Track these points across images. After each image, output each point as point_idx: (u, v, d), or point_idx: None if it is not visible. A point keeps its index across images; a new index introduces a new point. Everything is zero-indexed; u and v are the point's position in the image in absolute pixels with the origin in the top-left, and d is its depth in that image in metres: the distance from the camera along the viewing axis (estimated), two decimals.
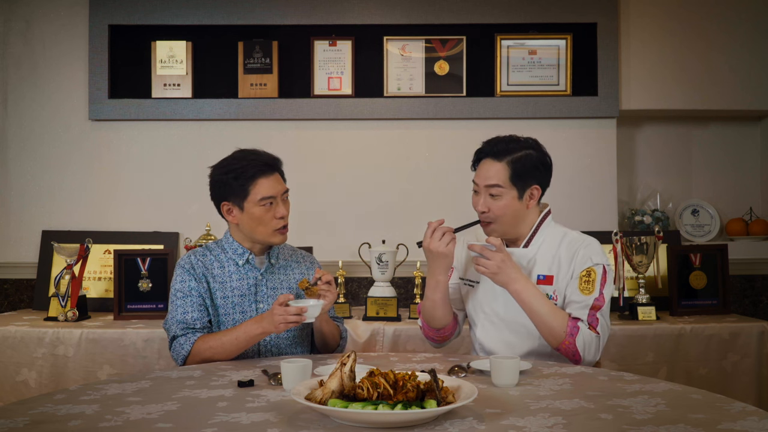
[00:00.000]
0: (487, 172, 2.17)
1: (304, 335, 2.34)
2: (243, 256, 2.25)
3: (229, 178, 2.19)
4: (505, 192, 2.15)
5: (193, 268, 2.23)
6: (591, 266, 2.13)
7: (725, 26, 3.63)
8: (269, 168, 2.21)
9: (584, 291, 2.11)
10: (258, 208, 2.18)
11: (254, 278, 2.27)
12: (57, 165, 3.59)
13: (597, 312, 2.10)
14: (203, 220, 3.37)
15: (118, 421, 1.51)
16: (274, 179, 2.21)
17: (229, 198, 2.21)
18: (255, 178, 2.17)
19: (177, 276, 2.23)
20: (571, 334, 2.05)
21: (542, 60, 3.57)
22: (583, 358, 2.06)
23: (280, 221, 2.20)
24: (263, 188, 2.18)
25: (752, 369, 2.94)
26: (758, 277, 3.64)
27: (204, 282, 2.23)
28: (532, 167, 2.17)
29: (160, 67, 3.56)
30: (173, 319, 2.19)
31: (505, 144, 2.18)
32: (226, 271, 2.25)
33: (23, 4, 3.61)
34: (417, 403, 1.48)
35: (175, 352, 2.16)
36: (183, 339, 2.15)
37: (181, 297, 2.20)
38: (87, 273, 3.31)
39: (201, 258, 2.26)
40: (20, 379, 2.90)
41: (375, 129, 3.58)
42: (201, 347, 2.13)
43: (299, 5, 3.56)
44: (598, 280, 2.12)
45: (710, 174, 3.82)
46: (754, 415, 1.52)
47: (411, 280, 3.43)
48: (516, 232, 2.21)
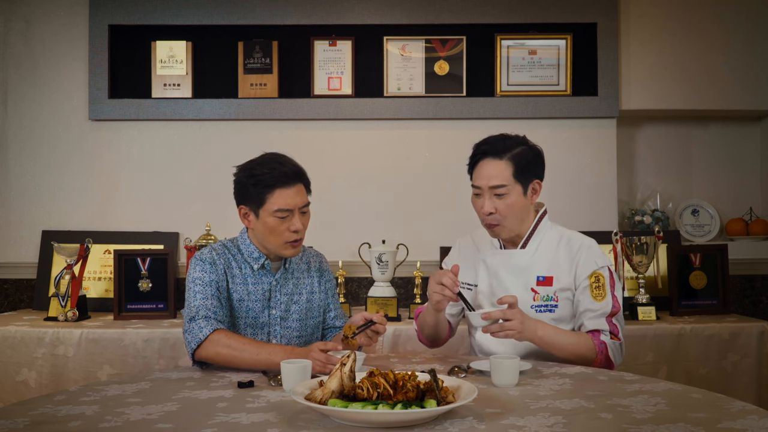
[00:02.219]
0: (489, 172, 2.15)
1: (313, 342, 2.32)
2: (258, 261, 2.20)
3: (249, 183, 2.13)
4: (511, 189, 2.14)
5: (215, 262, 2.17)
6: (597, 270, 2.15)
7: (725, 26, 3.63)
8: (290, 179, 2.13)
9: (597, 298, 2.13)
10: (272, 219, 2.12)
11: (269, 284, 2.22)
12: (57, 165, 3.59)
13: (614, 318, 2.13)
14: (203, 220, 3.37)
15: (118, 422, 1.51)
16: (294, 191, 2.13)
17: (246, 202, 2.16)
18: (273, 188, 2.11)
19: (197, 266, 2.15)
20: (601, 352, 2.09)
21: (542, 60, 3.57)
22: (614, 366, 2.13)
23: (293, 234, 2.14)
24: (280, 199, 2.11)
25: (752, 369, 2.94)
26: (758, 277, 3.63)
27: (224, 279, 2.17)
28: (531, 161, 2.18)
29: (160, 67, 3.56)
30: (192, 304, 2.09)
31: (502, 142, 2.17)
32: (243, 273, 2.21)
33: (23, 4, 3.61)
34: (417, 403, 1.48)
35: (191, 334, 2.04)
36: (204, 322, 2.04)
37: (201, 284, 2.12)
38: (87, 273, 3.31)
39: (221, 255, 2.20)
40: (20, 379, 2.90)
41: (375, 129, 3.58)
42: (221, 339, 2.01)
43: (299, 5, 3.56)
44: (608, 283, 2.15)
45: (710, 174, 3.82)
46: (754, 414, 1.52)
47: (411, 280, 3.43)
48: (519, 229, 2.21)
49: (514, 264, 2.21)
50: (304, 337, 2.27)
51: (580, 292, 2.16)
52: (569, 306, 2.20)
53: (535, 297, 2.19)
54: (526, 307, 2.20)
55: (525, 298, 2.19)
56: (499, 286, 2.23)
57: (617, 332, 2.12)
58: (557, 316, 2.19)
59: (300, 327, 2.26)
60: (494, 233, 2.21)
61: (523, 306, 2.19)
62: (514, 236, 2.22)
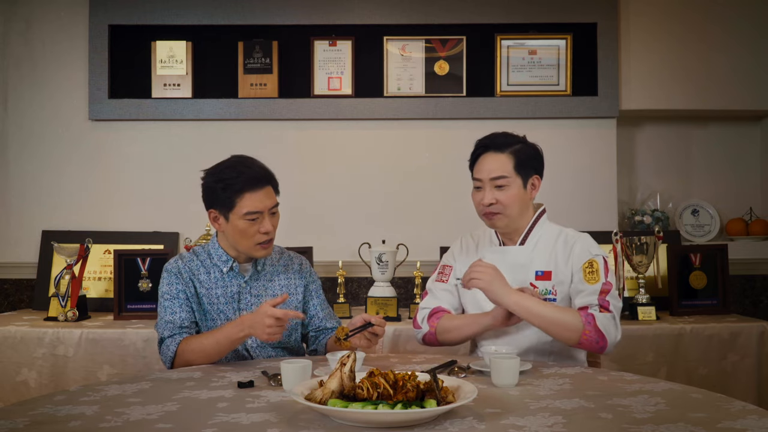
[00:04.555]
0: (491, 164, 2.20)
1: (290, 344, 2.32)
2: (227, 264, 2.24)
3: (217, 188, 2.17)
4: (512, 181, 2.19)
5: (180, 273, 2.23)
6: (591, 258, 2.16)
7: (725, 26, 3.63)
8: (259, 182, 2.16)
9: (591, 281, 2.14)
10: (242, 222, 2.15)
11: (238, 285, 2.25)
12: (57, 165, 3.59)
13: (606, 295, 2.12)
14: (203, 220, 3.35)
15: (118, 422, 1.51)
16: (263, 194, 2.17)
17: (216, 206, 2.20)
18: (242, 192, 2.14)
19: (164, 279, 2.23)
20: (588, 323, 2.06)
21: (542, 60, 3.57)
22: (608, 340, 2.06)
23: (264, 236, 2.17)
24: (249, 203, 2.14)
25: (752, 369, 2.94)
26: (758, 277, 3.63)
27: (191, 286, 2.22)
28: (531, 157, 2.24)
29: (160, 67, 3.56)
30: (161, 321, 2.19)
31: (504, 138, 2.25)
32: (211, 277, 2.25)
33: (23, 4, 3.61)
34: (417, 403, 1.48)
35: (163, 355, 2.16)
36: (169, 341, 2.14)
37: (168, 299, 2.20)
38: (87, 273, 3.31)
39: (188, 263, 2.26)
40: (20, 379, 2.90)
41: (375, 129, 3.58)
42: (185, 348, 2.11)
43: (299, 5, 3.56)
44: (602, 269, 2.15)
45: (710, 174, 3.82)
46: (754, 414, 1.52)
47: (411, 280, 3.43)
48: (518, 223, 2.23)
49: (513, 260, 2.23)
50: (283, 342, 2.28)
51: (574, 278, 2.17)
52: (568, 300, 2.20)
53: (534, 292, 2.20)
54: None
55: None
56: None
57: (607, 305, 2.09)
58: None
59: None
60: (493, 223, 2.22)
61: None
62: (513, 230, 2.24)
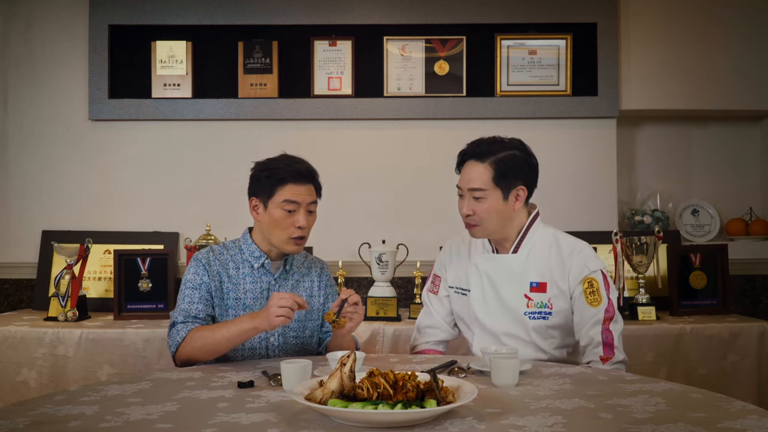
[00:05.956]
0: (469, 174, 2.16)
1: (311, 346, 2.33)
2: (259, 260, 2.25)
3: (262, 176, 2.21)
4: (489, 194, 2.13)
5: (209, 264, 2.23)
6: (589, 275, 2.13)
7: (725, 26, 3.63)
8: (303, 177, 2.21)
9: (593, 303, 2.11)
10: (279, 211, 2.18)
11: (267, 282, 2.26)
12: (57, 165, 3.59)
13: (609, 323, 2.10)
14: (203, 220, 3.37)
15: (118, 422, 1.51)
16: (304, 188, 2.20)
17: (257, 194, 2.23)
18: (285, 182, 2.18)
19: (191, 268, 2.23)
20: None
21: (542, 60, 3.57)
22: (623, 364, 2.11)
23: (298, 230, 2.19)
24: (289, 192, 2.18)
25: (752, 369, 2.94)
26: (758, 277, 3.63)
27: (217, 280, 2.22)
28: (516, 167, 2.14)
29: (160, 67, 3.56)
30: (178, 308, 2.19)
31: (488, 145, 2.16)
32: (240, 273, 2.25)
33: (23, 4, 3.61)
34: (417, 403, 1.48)
35: (171, 338, 2.15)
36: (181, 326, 2.14)
37: (191, 287, 2.20)
38: (87, 273, 3.31)
39: (219, 255, 2.26)
40: (20, 379, 2.90)
41: (375, 129, 3.58)
42: (194, 335, 2.10)
43: (299, 5, 3.56)
44: (602, 287, 2.12)
45: (710, 174, 3.82)
46: (754, 414, 1.52)
47: (411, 280, 3.43)
48: (503, 233, 2.19)
49: (507, 269, 2.20)
50: (301, 338, 2.29)
51: (575, 300, 2.14)
52: (564, 314, 2.17)
53: (529, 304, 2.17)
54: (519, 314, 2.18)
55: (518, 305, 2.18)
56: (492, 291, 2.22)
57: (611, 340, 2.08)
58: (552, 324, 2.17)
59: (298, 327, 2.27)
60: (473, 233, 2.20)
61: (516, 313, 2.18)
62: (500, 238, 2.21)
